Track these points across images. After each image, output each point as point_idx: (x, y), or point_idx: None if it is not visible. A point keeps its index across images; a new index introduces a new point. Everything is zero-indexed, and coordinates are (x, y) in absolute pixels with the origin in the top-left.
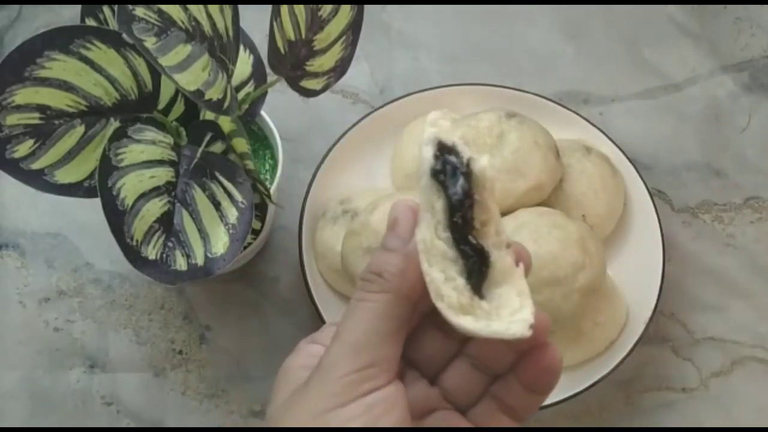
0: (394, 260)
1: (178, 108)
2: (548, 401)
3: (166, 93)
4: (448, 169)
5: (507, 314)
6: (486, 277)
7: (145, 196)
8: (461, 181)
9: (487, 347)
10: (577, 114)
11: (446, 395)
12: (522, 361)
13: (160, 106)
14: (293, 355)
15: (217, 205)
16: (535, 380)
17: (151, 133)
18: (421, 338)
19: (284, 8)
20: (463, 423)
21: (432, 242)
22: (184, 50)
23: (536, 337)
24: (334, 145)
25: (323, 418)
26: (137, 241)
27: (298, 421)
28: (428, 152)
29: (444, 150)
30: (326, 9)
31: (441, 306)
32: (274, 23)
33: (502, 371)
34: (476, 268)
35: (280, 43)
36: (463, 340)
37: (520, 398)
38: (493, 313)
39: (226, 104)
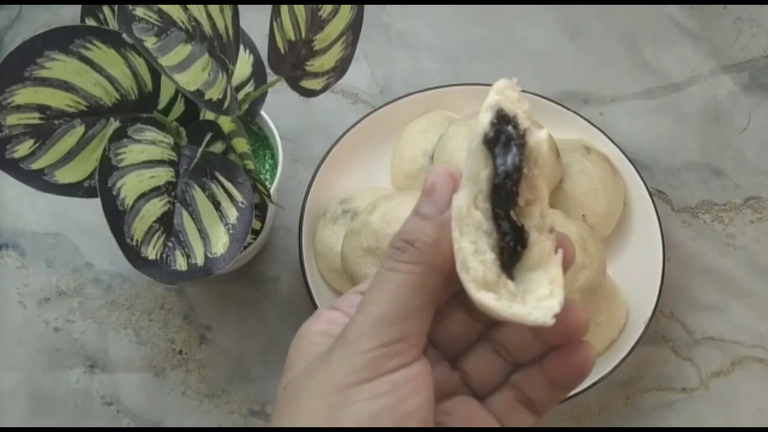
0: (427, 229)
1: (178, 108)
2: None
3: (166, 93)
4: (503, 138)
5: (533, 300)
6: (520, 259)
7: (145, 196)
8: (514, 151)
9: (516, 334)
10: (577, 114)
11: (466, 380)
12: (552, 355)
13: (160, 106)
14: (312, 319)
15: (217, 205)
16: (563, 377)
17: (151, 133)
18: (447, 318)
19: (284, 8)
20: (479, 411)
21: (468, 210)
22: (184, 50)
23: (573, 334)
24: (334, 145)
25: (347, 392)
26: (137, 241)
27: (320, 394)
28: (486, 117)
29: (503, 120)
30: (326, 9)
31: (464, 278)
32: (274, 23)
33: (525, 361)
34: (511, 246)
35: (280, 43)
36: (489, 324)
37: (541, 392)
38: (519, 296)
39: (226, 104)
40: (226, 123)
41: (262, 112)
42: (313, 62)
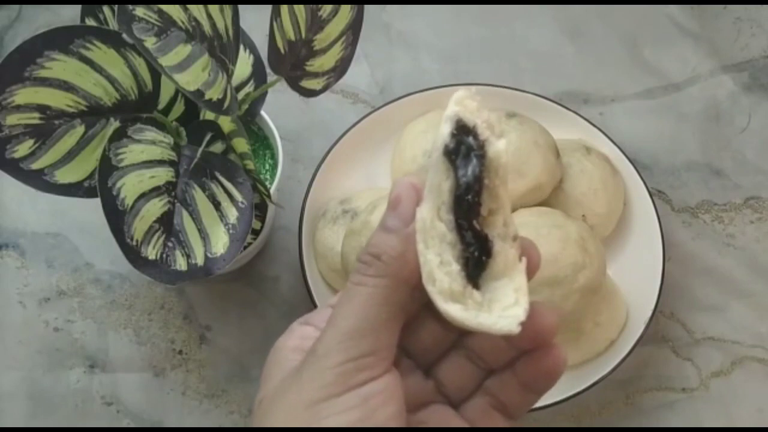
0: (393, 242)
1: (178, 108)
2: (548, 401)
3: (166, 93)
4: (463, 149)
5: (499, 308)
6: (485, 268)
7: (145, 196)
8: (474, 162)
9: (487, 340)
10: (577, 114)
11: (440, 388)
12: (524, 359)
13: (160, 106)
14: (285, 335)
15: (217, 205)
16: (535, 380)
17: (151, 133)
18: (419, 327)
19: (284, 8)
20: (455, 419)
21: (432, 222)
22: (184, 50)
23: (542, 338)
24: (334, 145)
25: (316, 408)
26: (137, 241)
27: (291, 411)
28: (446, 129)
29: (463, 131)
30: (326, 9)
31: (431, 290)
32: (274, 23)
33: (498, 366)
34: (476, 256)
35: (280, 43)
36: (462, 332)
37: (514, 396)
38: (485, 306)
39: (226, 104)
40: (226, 123)
41: (262, 112)
42: (313, 62)
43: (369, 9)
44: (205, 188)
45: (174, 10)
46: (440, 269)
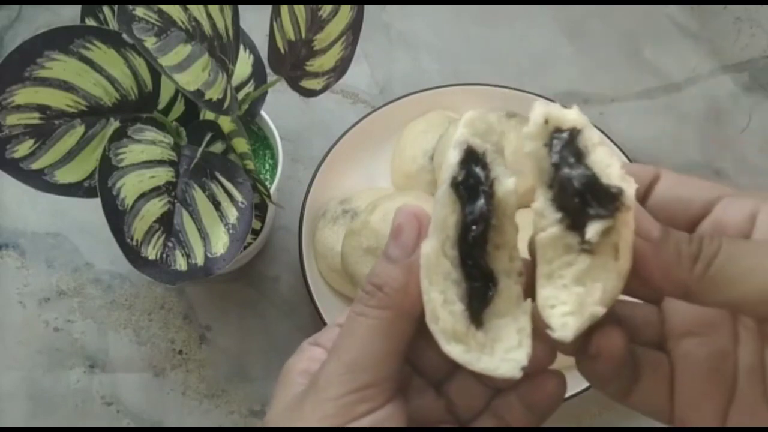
0: (395, 273)
1: (178, 108)
2: None
3: (166, 93)
4: (471, 183)
5: (501, 350)
6: (489, 304)
7: (145, 196)
8: (482, 201)
9: None
10: None
11: (450, 407)
12: (526, 382)
13: (160, 106)
14: (295, 356)
15: (217, 205)
16: (537, 404)
17: (151, 133)
18: (428, 345)
19: (284, 8)
20: None
21: (437, 259)
22: (184, 50)
23: (540, 365)
24: (334, 145)
25: None
26: (137, 241)
27: None
28: (454, 158)
29: (472, 158)
30: (326, 9)
31: (434, 329)
32: (274, 23)
33: (504, 386)
34: (480, 292)
35: (280, 43)
36: None
37: (519, 417)
38: (488, 346)
39: (226, 104)
40: (226, 123)
41: (262, 112)
42: (313, 62)
43: (369, 9)
44: (205, 188)
45: (174, 10)
46: (444, 308)
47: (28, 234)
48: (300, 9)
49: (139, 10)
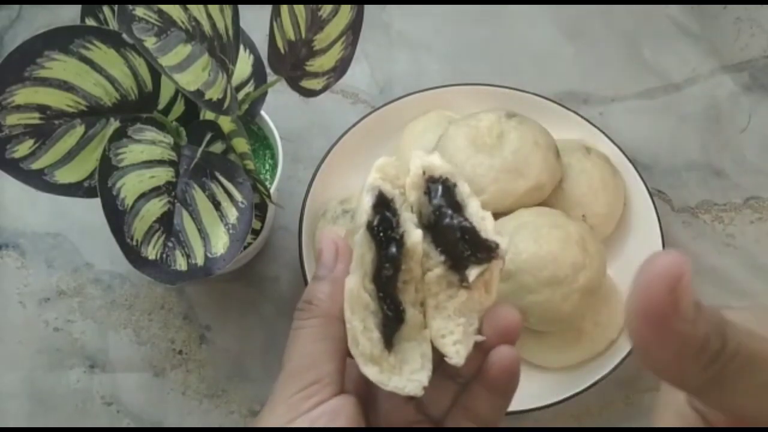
0: (322, 287)
1: (178, 108)
2: (549, 401)
3: (166, 93)
4: (383, 227)
5: (408, 371)
6: (398, 330)
7: (145, 196)
8: (393, 249)
9: None
10: (577, 114)
11: (419, 407)
12: (485, 364)
13: (160, 106)
14: None
15: (217, 205)
16: (495, 379)
17: (151, 133)
18: None
19: (284, 8)
20: None
21: (358, 292)
22: (184, 50)
23: (509, 335)
24: (334, 145)
25: None
26: (137, 241)
27: None
28: (368, 203)
29: (383, 203)
30: (326, 9)
31: (354, 352)
32: (274, 23)
33: (470, 376)
34: (392, 320)
35: (280, 43)
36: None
37: (485, 403)
38: (397, 367)
39: (226, 104)
40: (226, 123)
41: (262, 112)
42: (313, 62)
43: (369, 9)
44: (205, 188)
45: (174, 10)
46: (363, 335)
47: (28, 234)
48: (300, 9)
49: (139, 10)
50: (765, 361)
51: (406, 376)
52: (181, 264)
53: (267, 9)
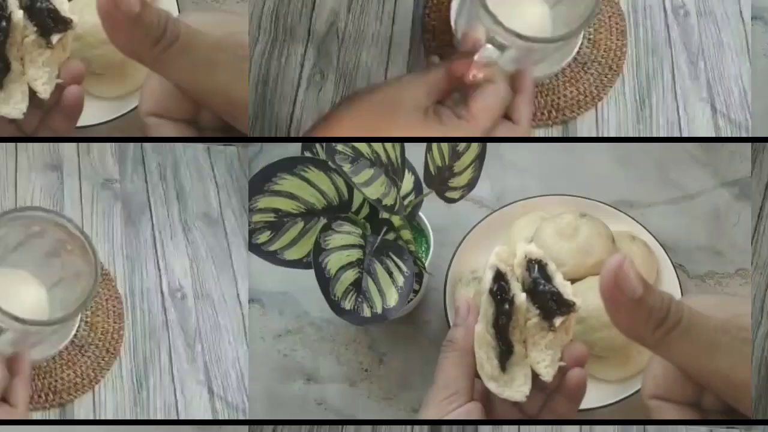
0: (459, 331)
1: (365, 210)
2: (600, 404)
3: (357, 200)
4: (500, 292)
5: (515, 386)
6: (509, 359)
7: (343, 268)
8: (506, 305)
9: None
10: (626, 214)
11: (522, 409)
12: (563, 380)
13: (353, 209)
14: None
15: (390, 274)
16: (570, 390)
17: (347, 227)
18: None
19: (434, 145)
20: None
21: (483, 335)
22: (368, 172)
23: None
24: (467, 234)
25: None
26: (338, 297)
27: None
28: (489, 276)
29: (500, 276)
30: (462, 145)
31: (481, 373)
32: (428, 154)
33: (554, 388)
34: (505, 352)
35: (431, 168)
36: None
37: (563, 406)
38: (508, 383)
39: (396, 208)
40: (396, 220)
41: (420, 213)
42: (453, 180)
43: (490, 145)
44: (383, 263)
45: (362, 146)
46: (487, 362)
47: (267, 293)
48: (444, 145)
49: (339, 146)
50: (700, 332)
51: (515, 389)
52: (367, 312)
53: (423, 145)
